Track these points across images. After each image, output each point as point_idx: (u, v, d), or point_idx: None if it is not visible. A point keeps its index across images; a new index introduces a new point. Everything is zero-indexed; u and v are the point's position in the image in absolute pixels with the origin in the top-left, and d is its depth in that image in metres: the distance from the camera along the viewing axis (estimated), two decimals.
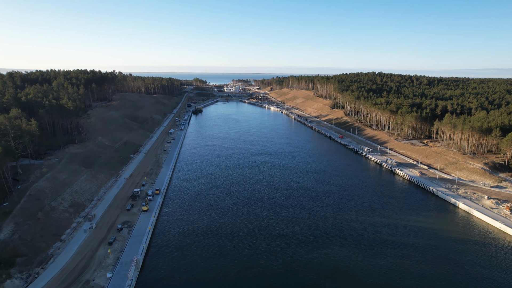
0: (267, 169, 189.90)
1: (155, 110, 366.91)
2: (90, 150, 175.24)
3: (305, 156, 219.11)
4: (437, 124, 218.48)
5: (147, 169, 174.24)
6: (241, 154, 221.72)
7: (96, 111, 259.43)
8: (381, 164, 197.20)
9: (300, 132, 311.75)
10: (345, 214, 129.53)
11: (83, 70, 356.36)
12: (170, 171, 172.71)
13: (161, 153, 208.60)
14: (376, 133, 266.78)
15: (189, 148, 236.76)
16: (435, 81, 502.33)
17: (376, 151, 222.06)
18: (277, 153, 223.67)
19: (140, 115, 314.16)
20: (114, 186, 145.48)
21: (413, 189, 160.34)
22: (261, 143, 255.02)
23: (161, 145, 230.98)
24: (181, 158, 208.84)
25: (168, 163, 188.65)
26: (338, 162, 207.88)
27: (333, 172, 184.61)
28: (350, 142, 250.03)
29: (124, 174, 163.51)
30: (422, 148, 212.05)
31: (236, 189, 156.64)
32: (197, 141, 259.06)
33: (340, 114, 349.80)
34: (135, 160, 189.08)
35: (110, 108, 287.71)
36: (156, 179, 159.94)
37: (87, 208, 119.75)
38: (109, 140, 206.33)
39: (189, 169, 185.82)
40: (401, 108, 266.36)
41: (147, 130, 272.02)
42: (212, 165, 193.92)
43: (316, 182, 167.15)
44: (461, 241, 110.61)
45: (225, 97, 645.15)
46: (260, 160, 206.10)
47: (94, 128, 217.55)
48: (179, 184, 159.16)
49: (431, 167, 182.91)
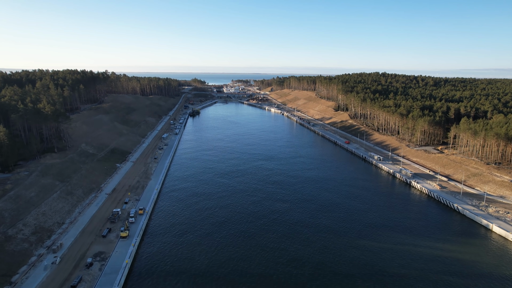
0: (268, 177, 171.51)
1: (150, 113, 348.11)
2: (69, 160, 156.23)
3: (309, 163, 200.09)
4: (454, 130, 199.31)
5: (133, 181, 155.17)
6: (239, 160, 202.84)
7: (83, 114, 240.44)
8: (394, 175, 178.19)
9: (303, 136, 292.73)
10: (353, 236, 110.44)
11: (73, 70, 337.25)
12: (159, 184, 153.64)
13: (151, 162, 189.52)
14: (385, 138, 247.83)
15: (183, 154, 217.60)
16: (442, 81, 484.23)
17: (387, 159, 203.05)
18: (278, 160, 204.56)
19: (132, 118, 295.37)
20: (92, 204, 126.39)
21: (434, 205, 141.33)
22: (261, 147, 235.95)
23: (152, 152, 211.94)
24: (173, 167, 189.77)
25: (158, 174, 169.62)
26: (346, 171, 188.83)
27: (340, 183, 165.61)
28: (357, 149, 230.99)
29: (107, 188, 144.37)
30: (438, 156, 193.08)
31: (232, 200, 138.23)
32: (192, 147, 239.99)
33: (345, 117, 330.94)
34: (121, 170, 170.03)
35: (100, 110, 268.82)
36: (142, 194, 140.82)
37: (54, 235, 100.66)
38: (94, 148, 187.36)
39: (180, 180, 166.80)
40: (412, 111, 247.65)
41: (139, 135, 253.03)
42: (207, 174, 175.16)
43: (321, 194, 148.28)
44: (502, 279, 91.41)
45: (224, 98, 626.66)
46: (260, 167, 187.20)
47: (78, 134, 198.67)
48: (167, 200, 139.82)
49: (451, 179, 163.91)
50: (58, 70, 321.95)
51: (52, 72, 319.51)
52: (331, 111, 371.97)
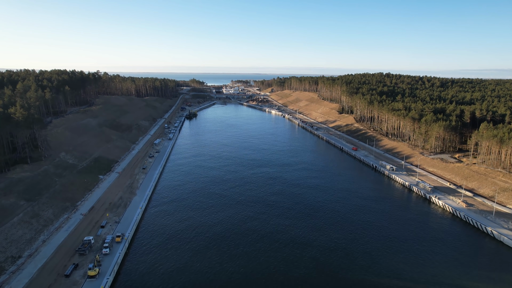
0: (269, 186, 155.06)
1: (143, 115, 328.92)
2: (43, 172, 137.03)
3: (313, 172, 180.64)
4: (476, 137, 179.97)
5: (115, 197, 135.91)
6: (237, 167, 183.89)
7: (68, 118, 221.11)
8: (411, 188, 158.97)
9: (306, 141, 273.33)
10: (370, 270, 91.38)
11: (62, 70, 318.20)
12: (144, 201, 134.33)
13: (139, 173, 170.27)
14: (395, 144, 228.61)
15: (176, 162, 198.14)
16: (449, 82, 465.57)
17: (400, 169, 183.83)
18: (279, 167, 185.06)
19: (123, 121, 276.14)
20: (62, 229, 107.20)
21: (461, 227, 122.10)
22: (261, 153, 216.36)
23: (141, 161, 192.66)
24: (164, 178, 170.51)
25: (145, 187, 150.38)
26: (355, 182, 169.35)
27: (350, 194, 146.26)
28: (366, 156, 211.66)
29: (83, 206, 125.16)
30: (457, 166, 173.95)
31: (229, 214, 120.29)
32: (186, 153, 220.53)
33: (350, 120, 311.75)
34: (104, 183, 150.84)
35: (88, 114, 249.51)
36: (124, 214, 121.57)
37: (4, 275, 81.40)
38: (75, 157, 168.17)
39: (170, 193, 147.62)
40: (425, 115, 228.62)
41: (129, 141, 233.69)
42: (200, 184, 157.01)
43: (329, 206, 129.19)
44: None
45: (223, 99, 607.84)
46: (260, 175, 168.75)
47: (59, 141, 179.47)
48: (152, 222, 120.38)
49: (477, 194, 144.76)
50: (45, 70, 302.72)
51: (38, 72, 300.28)
52: (335, 114, 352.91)
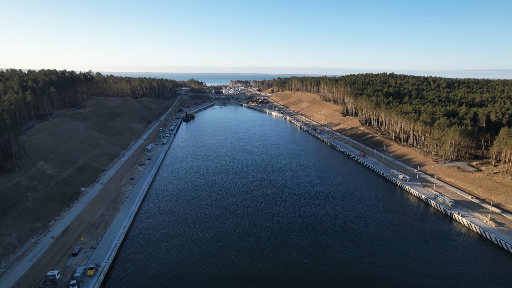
0: (270, 196, 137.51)
1: (137, 118, 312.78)
2: (12, 186, 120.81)
3: (318, 180, 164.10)
4: (498, 144, 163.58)
5: (95, 215, 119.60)
6: (235, 174, 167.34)
7: (54, 122, 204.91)
8: (428, 202, 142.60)
9: (308, 145, 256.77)
10: None
11: (52, 70, 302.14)
12: (129, 219, 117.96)
13: (126, 184, 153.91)
14: (406, 150, 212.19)
15: (168, 170, 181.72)
16: (455, 83, 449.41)
17: (414, 179, 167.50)
18: (280, 174, 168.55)
19: (115, 125, 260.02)
20: (25, 258, 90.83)
21: (492, 252, 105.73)
22: (262, 159, 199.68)
23: (130, 169, 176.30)
24: (154, 189, 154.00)
25: (131, 201, 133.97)
26: (365, 192, 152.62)
27: (361, 206, 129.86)
28: (375, 164, 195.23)
29: (57, 227, 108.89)
30: (477, 176, 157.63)
31: (223, 229, 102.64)
32: (180, 160, 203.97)
33: (355, 123, 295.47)
34: (85, 197, 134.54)
35: (76, 117, 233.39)
36: (103, 237, 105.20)
37: None
38: (55, 166, 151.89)
39: (160, 207, 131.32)
40: (438, 118, 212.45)
41: (119, 146, 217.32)
42: (194, 195, 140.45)
43: (339, 222, 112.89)
44: None
45: (222, 100, 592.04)
46: (261, 183, 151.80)
47: (39, 148, 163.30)
48: (136, 245, 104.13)
49: (505, 210, 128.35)
50: (33, 70, 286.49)
51: (27, 72, 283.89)
52: (338, 116, 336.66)
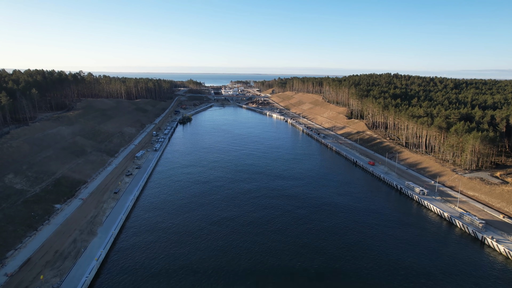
0: (268, 210, 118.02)
1: (131, 121, 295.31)
2: None
3: (324, 192, 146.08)
4: None
5: (66, 241, 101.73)
6: (231, 185, 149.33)
7: (35, 127, 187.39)
8: (452, 221, 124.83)
9: (312, 151, 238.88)
10: None
11: (39, 70, 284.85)
12: (105, 246, 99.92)
13: (109, 199, 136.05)
14: (419, 158, 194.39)
15: (158, 182, 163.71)
16: (463, 83, 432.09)
17: (433, 192, 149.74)
18: (282, 185, 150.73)
19: (105, 129, 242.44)
20: None
21: None
22: (261, 166, 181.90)
23: (115, 181, 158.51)
24: (140, 205, 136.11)
25: (111, 222, 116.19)
26: (377, 204, 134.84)
27: (375, 222, 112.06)
28: (387, 174, 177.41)
29: (15, 259, 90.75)
30: (506, 190, 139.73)
31: (216, 252, 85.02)
32: (173, 168, 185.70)
33: (361, 127, 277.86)
34: (58, 217, 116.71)
35: (62, 120, 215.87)
36: (69, 272, 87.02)
37: None
38: (27, 179, 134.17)
39: (145, 226, 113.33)
40: (454, 123, 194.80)
41: (107, 153, 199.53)
42: (186, 208, 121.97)
43: (352, 241, 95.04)
44: None
45: (221, 101, 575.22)
46: (258, 195, 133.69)
47: (12, 157, 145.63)
48: (111, 285, 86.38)
49: None
50: (17, 70, 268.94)
51: (12, 72, 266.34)
52: (343, 119, 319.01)
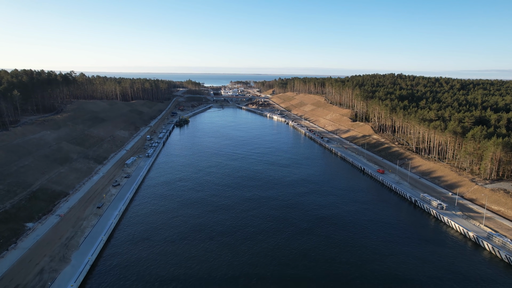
0: (269, 224, 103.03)
1: (124, 123, 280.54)
2: None
3: (329, 203, 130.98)
4: None
5: (32, 271, 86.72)
6: (229, 194, 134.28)
7: (15, 132, 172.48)
8: (478, 242, 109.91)
9: (315, 156, 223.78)
10: None
11: (27, 70, 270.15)
12: (78, 278, 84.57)
13: (90, 215, 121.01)
14: (432, 166, 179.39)
15: (149, 192, 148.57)
16: (470, 84, 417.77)
17: (452, 206, 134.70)
18: (283, 194, 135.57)
19: (95, 133, 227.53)
20: None
21: None
22: (261, 173, 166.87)
23: (101, 192, 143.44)
24: (125, 222, 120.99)
25: (89, 244, 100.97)
26: (390, 218, 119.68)
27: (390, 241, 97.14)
28: (399, 184, 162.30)
29: None
30: None
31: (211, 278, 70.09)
32: (165, 176, 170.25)
33: (367, 130, 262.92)
34: (28, 239, 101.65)
35: (47, 124, 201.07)
36: None
37: None
38: None
39: (128, 251, 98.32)
40: (471, 128, 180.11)
41: (94, 160, 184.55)
42: (178, 223, 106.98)
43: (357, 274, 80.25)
44: None
45: (220, 102, 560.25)
46: (257, 208, 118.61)
47: None
48: None
49: None
50: (3, 70, 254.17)
51: None
52: (347, 121, 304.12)
